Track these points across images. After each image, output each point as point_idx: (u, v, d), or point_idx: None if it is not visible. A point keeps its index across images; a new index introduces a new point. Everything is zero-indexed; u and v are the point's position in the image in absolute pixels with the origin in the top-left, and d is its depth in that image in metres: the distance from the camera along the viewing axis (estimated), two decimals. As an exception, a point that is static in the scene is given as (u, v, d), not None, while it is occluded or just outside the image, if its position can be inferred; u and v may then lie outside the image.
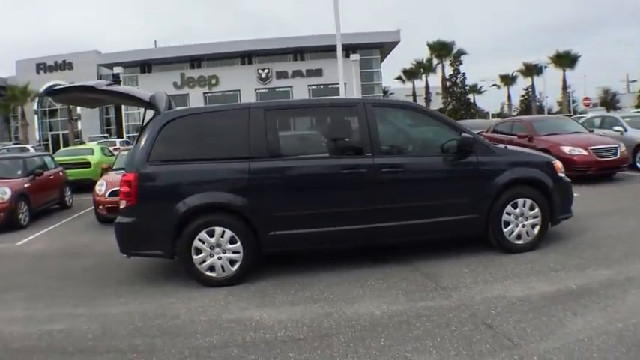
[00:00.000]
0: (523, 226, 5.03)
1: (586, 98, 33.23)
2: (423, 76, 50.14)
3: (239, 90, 40.88)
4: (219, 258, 4.63)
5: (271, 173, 4.69)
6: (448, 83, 46.91)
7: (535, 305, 3.73)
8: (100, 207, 8.34)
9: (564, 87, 43.45)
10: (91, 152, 13.49)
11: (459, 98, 46.27)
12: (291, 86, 43.97)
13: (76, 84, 4.81)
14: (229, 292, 4.45)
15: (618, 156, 8.70)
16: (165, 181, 4.69)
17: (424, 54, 50.04)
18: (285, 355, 3.19)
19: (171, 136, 4.70)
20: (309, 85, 43.98)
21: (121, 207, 4.73)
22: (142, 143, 4.70)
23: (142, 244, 4.72)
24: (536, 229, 5.06)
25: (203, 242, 4.60)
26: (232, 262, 4.64)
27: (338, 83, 50.55)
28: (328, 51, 45.46)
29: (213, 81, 42.41)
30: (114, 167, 9.61)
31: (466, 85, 47.86)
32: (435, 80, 49.47)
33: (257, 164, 4.66)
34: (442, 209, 4.87)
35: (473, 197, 4.92)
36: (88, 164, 12.73)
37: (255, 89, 42.30)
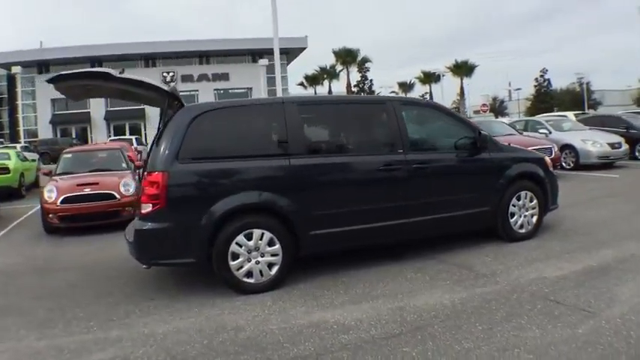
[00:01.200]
0: (525, 216, 5.39)
1: (484, 105, 36.77)
2: (326, 82, 51.31)
3: (143, 93, 38.20)
4: (257, 262, 4.23)
5: (311, 170, 4.42)
6: (355, 89, 48.44)
7: (577, 281, 4.04)
8: (50, 215, 7.15)
9: (462, 94, 47.37)
10: (8, 157, 11.45)
11: None
12: (197, 90, 42.30)
13: (89, 70, 4.07)
14: (275, 298, 4.08)
15: (553, 155, 9.76)
16: (199, 180, 4.17)
17: (328, 60, 51.23)
18: (400, 350, 3.02)
19: (201, 132, 4.19)
20: (215, 90, 42.74)
21: (144, 211, 4.09)
22: (168, 139, 4.12)
23: (170, 253, 4.13)
24: (534, 219, 5.46)
25: (241, 246, 4.17)
26: (270, 266, 4.28)
27: (245, 88, 50.08)
28: (235, 55, 44.74)
29: (115, 83, 39.12)
30: (57, 171, 8.32)
31: (373, 91, 49.88)
32: (338, 87, 50.97)
33: (297, 161, 4.36)
34: (462, 203, 5.03)
35: (487, 191, 5.16)
36: (6, 170, 10.79)
37: (161, 92, 39.83)
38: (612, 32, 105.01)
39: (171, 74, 40.92)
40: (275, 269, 4.28)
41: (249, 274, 4.21)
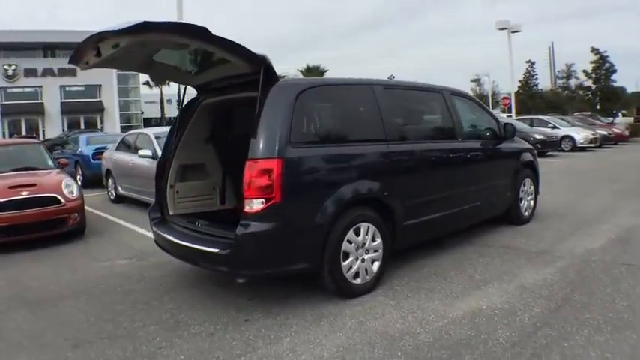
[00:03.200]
0: (527, 201, 5.72)
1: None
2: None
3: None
4: (363, 260, 3.59)
5: (406, 157, 3.99)
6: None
7: (619, 249, 4.46)
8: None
9: None
10: None
11: None
12: (40, 86, 35.70)
13: (186, 24, 2.86)
14: (390, 297, 3.54)
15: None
16: (315, 168, 3.38)
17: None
18: (583, 317, 3.01)
19: (305, 111, 3.39)
20: (61, 86, 36.66)
21: (250, 209, 3.08)
22: (273, 119, 3.19)
23: (282, 259, 3.23)
24: (532, 204, 5.83)
25: (351, 243, 3.49)
26: (372, 263, 3.67)
27: (94, 85, 44.54)
28: (86, 50, 38.69)
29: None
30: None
31: None
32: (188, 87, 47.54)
33: (394, 147, 3.86)
34: (497, 189, 5.12)
35: (510, 177, 5.33)
36: None
37: (0, 88, 32.36)
38: (434, 44, 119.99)
39: (13, 67, 33.46)
40: (376, 266, 3.69)
41: (356, 274, 3.53)
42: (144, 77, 47.40)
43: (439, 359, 2.57)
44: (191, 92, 4.36)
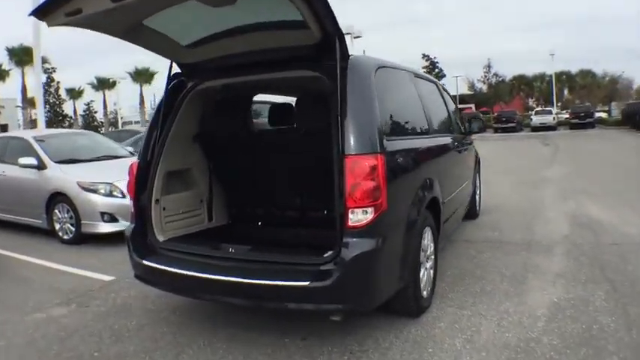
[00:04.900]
0: (477, 195, 5.92)
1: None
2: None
3: None
4: (426, 269, 3.15)
5: (442, 150, 3.73)
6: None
7: (590, 232, 4.83)
8: None
9: (142, 101, 43.68)
10: None
11: (54, 109, 39.03)
12: None
13: None
14: (451, 305, 3.20)
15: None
16: (408, 165, 2.86)
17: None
18: None
19: (385, 96, 2.78)
20: None
21: (356, 222, 2.36)
22: (359, 103, 2.51)
23: (389, 282, 2.63)
24: (479, 197, 6.08)
25: (422, 252, 3.02)
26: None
27: None
28: None
29: None
30: None
31: (60, 95, 40.55)
32: (5, 90, 39.51)
33: (438, 140, 3.57)
34: (468, 186, 5.13)
35: (473, 171, 5.43)
36: None
37: None
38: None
39: None
40: (432, 274, 3.27)
41: (423, 286, 3.07)
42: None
43: (590, 357, 2.37)
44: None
